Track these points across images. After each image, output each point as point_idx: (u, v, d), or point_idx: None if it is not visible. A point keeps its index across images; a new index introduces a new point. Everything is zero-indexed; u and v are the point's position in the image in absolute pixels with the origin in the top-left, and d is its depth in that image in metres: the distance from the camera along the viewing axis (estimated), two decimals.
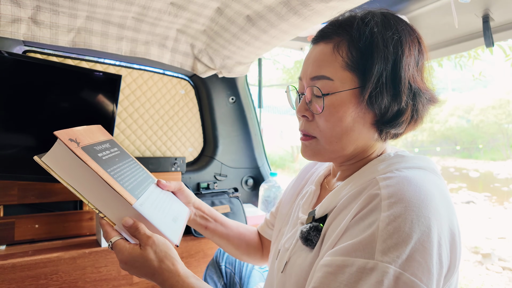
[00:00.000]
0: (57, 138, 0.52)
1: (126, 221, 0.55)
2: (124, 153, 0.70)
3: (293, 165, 9.78)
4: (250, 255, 0.86)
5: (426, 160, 0.56)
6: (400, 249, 0.41)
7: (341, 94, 0.53)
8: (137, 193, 0.60)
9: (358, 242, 0.44)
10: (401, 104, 0.52)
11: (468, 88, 13.39)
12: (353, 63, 0.52)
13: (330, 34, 0.55)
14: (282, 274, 0.60)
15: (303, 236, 0.56)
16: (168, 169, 1.42)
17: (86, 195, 0.55)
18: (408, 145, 11.54)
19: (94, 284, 1.09)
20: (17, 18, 0.94)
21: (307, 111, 0.57)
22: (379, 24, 0.52)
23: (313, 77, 0.55)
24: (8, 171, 1.01)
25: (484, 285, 3.33)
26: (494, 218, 5.40)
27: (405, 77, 0.51)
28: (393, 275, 0.40)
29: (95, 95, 1.14)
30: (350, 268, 0.43)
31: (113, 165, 0.60)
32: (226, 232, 0.83)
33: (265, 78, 8.53)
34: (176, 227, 0.65)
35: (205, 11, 1.05)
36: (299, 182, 0.78)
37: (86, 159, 0.53)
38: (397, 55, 0.51)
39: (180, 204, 0.76)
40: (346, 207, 0.52)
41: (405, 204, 0.44)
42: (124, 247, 0.55)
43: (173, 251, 0.58)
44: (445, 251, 0.44)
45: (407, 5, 0.93)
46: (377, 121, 0.54)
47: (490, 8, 0.85)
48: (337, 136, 0.55)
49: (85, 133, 0.60)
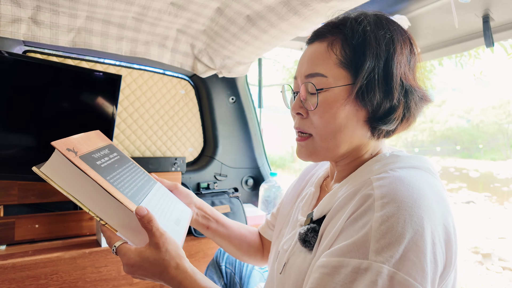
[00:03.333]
0: (55, 148, 0.52)
1: (139, 210, 0.55)
2: (124, 157, 0.70)
3: (293, 165, 9.77)
4: (250, 256, 0.86)
5: (421, 160, 0.56)
6: (394, 248, 0.41)
7: (334, 90, 0.54)
8: (137, 199, 0.60)
9: (352, 243, 0.44)
10: (393, 101, 0.53)
11: (468, 88, 13.38)
12: (346, 61, 0.53)
13: (324, 34, 0.57)
14: (281, 275, 0.60)
15: (301, 238, 0.57)
16: (168, 169, 1.42)
17: (87, 204, 0.55)
18: (408, 145, 11.54)
19: (94, 284, 1.09)
20: (17, 18, 0.94)
21: (302, 109, 0.58)
22: (372, 24, 0.54)
23: (308, 74, 0.56)
24: (8, 171, 1.01)
25: (484, 285, 3.33)
26: (494, 218, 5.40)
27: (397, 74, 0.52)
28: (387, 275, 0.41)
29: (95, 95, 1.14)
30: (345, 268, 0.43)
31: (112, 172, 0.60)
32: (227, 233, 0.83)
33: (265, 78, 8.53)
34: (178, 229, 0.66)
35: (205, 11, 1.05)
36: (300, 184, 0.79)
37: (85, 168, 0.53)
38: (389, 52, 0.52)
39: (182, 205, 0.76)
40: (342, 208, 0.52)
41: (397, 204, 0.44)
42: (129, 250, 0.55)
43: (181, 248, 0.59)
44: (440, 250, 0.44)
45: (407, 5, 0.93)
46: (370, 118, 0.54)
47: (490, 8, 0.85)
48: (331, 133, 0.55)
49: (83, 141, 0.60)
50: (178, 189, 0.79)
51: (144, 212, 0.55)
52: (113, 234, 0.57)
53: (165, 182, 0.78)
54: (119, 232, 0.57)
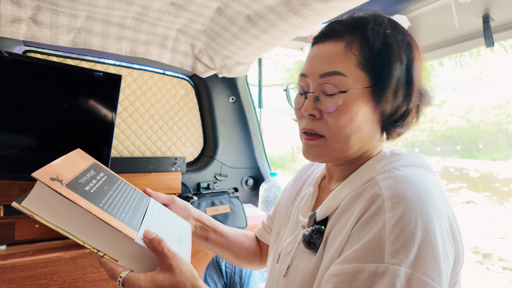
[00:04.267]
0: (37, 180, 0.47)
1: (148, 234, 0.53)
2: (112, 176, 0.65)
3: (293, 165, 9.78)
4: (249, 262, 0.85)
5: (421, 158, 0.57)
6: (408, 249, 0.41)
7: (354, 93, 0.52)
8: (135, 224, 0.55)
9: (366, 247, 0.44)
10: (410, 104, 0.54)
11: (469, 88, 13.38)
12: (366, 62, 0.52)
13: (339, 33, 0.55)
14: (285, 278, 0.59)
15: (306, 240, 0.55)
16: (168, 169, 1.42)
17: (80, 236, 0.50)
18: (408, 145, 11.53)
19: (95, 284, 1.09)
20: (17, 18, 0.94)
21: (315, 110, 0.55)
22: (389, 27, 0.54)
23: (325, 73, 0.54)
24: (8, 171, 1.01)
25: (484, 285, 3.33)
26: (494, 218, 5.40)
27: (418, 79, 0.54)
28: (404, 277, 0.40)
29: (95, 95, 1.14)
30: (362, 274, 0.42)
31: (103, 196, 0.55)
32: (226, 242, 0.81)
33: (265, 78, 8.53)
34: (182, 249, 0.61)
35: (205, 11, 1.05)
36: (296, 184, 0.78)
37: (74, 198, 0.48)
38: (409, 57, 0.53)
39: (180, 220, 0.72)
40: (348, 209, 0.52)
41: (407, 204, 0.44)
42: (140, 278, 0.50)
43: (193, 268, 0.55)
44: (449, 245, 0.45)
45: (407, 5, 0.93)
46: (385, 120, 0.55)
47: (490, 8, 0.85)
48: (346, 135, 0.54)
49: (65, 165, 0.55)
50: (175, 202, 0.76)
51: (152, 235, 0.53)
52: (114, 264, 0.52)
53: (161, 196, 0.74)
54: (120, 262, 0.52)
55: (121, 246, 0.52)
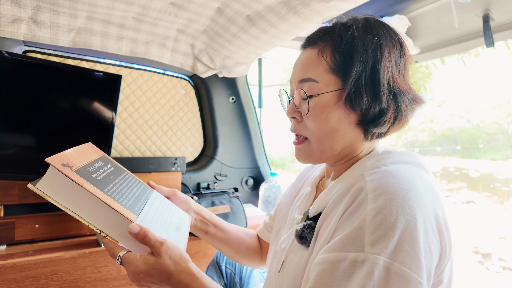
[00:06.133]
0: (49, 164, 0.52)
1: (132, 228, 0.55)
2: (118, 168, 0.70)
3: (293, 165, 9.77)
4: (249, 259, 0.87)
5: (412, 155, 0.57)
6: (388, 239, 0.42)
7: (325, 96, 0.55)
8: (136, 209, 0.60)
9: (348, 237, 0.46)
10: (382, 104, 0.54)
11: (469, 88, 13.39)
12: (336, 67, 0.55)
13: (315, 40, 0.58)
14: (280, 274, 0.61)
15: (298, 234, 0.58)
16: (168, 169, 1.42)
17: (86, 217, 0.55)
18: (408, 145, 11.54)
19: (95, 284, 1.09)
20: (17, 18, 0.94)
21: (296, 113, 0.60)
22: (360, 29, 0.55)
23: (301, 80, 0.58)
24: (8, 171, 1.01)
25: (484, 285, 3.33)
26: (494, 218, 5.40)
27: (384, 79, 0.53)
28: (383, 266, 0.41)
29: (95, 95, 1.14)
30: (343, 263, 0.44)
31: (109, 183, 0.60)
32: (226, 237, 0.84)
33: (265, 78, 8.52)
34: (180, 236, 0.66)
35: (205, 11, 1.05)
36: (297, 185, 0.80)
37: (82, 182, 0.54)
38: (376, 58, 0.54)
39: (180, 211, 0.76)
40: (337, 204, 0.53)
41: (389, 196, 0.45)
42: (135, 258, 0.55)
43: (184, 252, 0.60)
44: (434, 239, 0.45)
45: (407, 5, 0.93)
46: (361, 121, 0.56)
47: (490, 8, 0.85)
48: (324, 136, 0.57)
49: (76, 155, 0.60)
50: (177, 195, 0.80)
51: (136, 229, 0.55)
52: (115, 245, 0.57)
53: (163, 189, 0.78)
54: (121, 242, 0.57)
55: (122, 228, 0.56)
